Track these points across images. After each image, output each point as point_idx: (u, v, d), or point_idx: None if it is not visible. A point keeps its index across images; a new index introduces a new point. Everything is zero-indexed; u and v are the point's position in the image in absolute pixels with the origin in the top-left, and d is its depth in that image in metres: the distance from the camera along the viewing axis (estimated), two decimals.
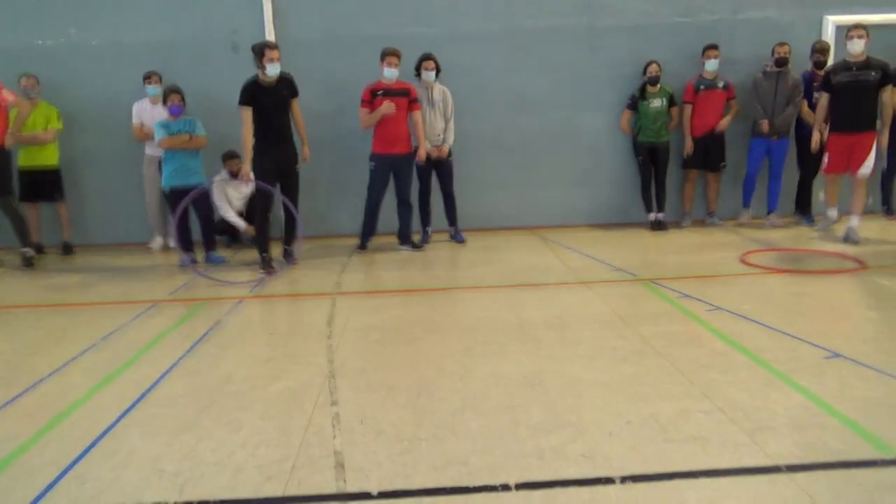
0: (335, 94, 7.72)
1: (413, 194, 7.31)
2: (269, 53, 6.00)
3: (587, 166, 8.22)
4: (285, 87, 6.25)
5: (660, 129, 7.78)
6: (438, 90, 7.28)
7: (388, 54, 6.80)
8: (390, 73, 6.82)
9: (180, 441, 2.94)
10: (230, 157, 7.25)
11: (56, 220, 7.62)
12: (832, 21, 7.94)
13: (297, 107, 6.40)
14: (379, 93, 6.87)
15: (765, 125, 7.46)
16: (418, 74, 7.22)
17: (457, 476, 2.58)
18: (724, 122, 7.74)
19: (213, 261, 6.87)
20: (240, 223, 7.34)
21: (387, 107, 6.74)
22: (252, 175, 6.15)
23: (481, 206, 8.18)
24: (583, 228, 8.21)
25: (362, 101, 6.93)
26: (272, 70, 6.03)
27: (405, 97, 6.93)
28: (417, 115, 7.03)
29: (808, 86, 7.58)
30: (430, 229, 7.65)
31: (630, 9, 7.90)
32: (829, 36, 7.95)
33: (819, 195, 7.96)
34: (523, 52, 7.94)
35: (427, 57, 7.14)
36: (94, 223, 8.04)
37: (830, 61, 7.74)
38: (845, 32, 6.82)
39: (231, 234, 7.77)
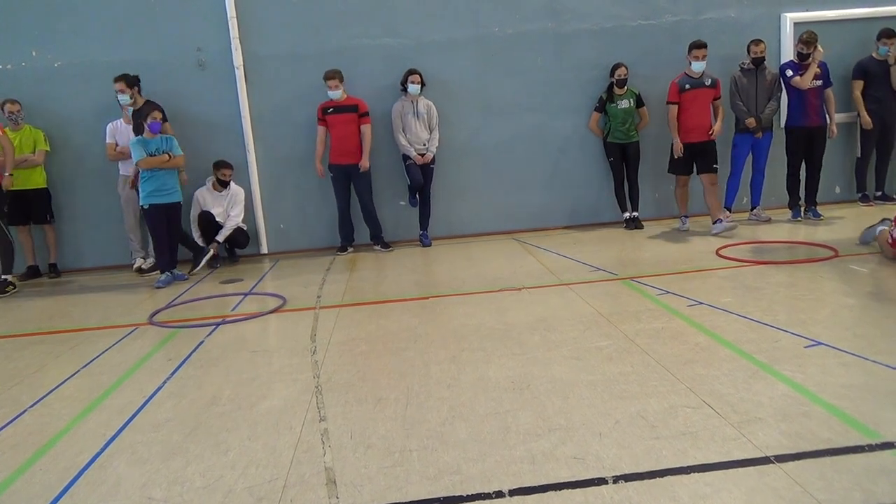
0: (304, 108, 7.69)
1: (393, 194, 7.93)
2: None
3: (559, 169, 8.29)
4: None
5: (629, 129, 7.88)
6: (423, 103, 7.67)
7: (329, 77, 7.29)
8: (333, 95, 7.33)
9: (168, 467, 2.90)
10: (219, 165, 7.38)
11: (43, 242, 7.62)
12: (790, 18, 8.10)
13: None
14: (329, 110, 7.41)
15: (752, 122, 7.48)
16: (404, 89, 7.57)
17: (449, 485, 2.57)
18: (718, 129, 7.44)
19: (176, 278, 6.90)
20: (199, 243, 7.44)
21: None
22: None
23: (457, 213, 8.23)
24: (558, 230, 8.27)
25: (317, 118, 7.48)
26: None
27: (354, 112, 7.43)
28: (366, 128, 7.55)
29: (783, 75, 7.46)
30: (416, 200, 7.82)
31: (594, 13, 8.01)
32: (787, 33, 8.10)
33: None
34: (492, 58, 8.01)
35: (413, 72, 7.52)
36: (71, 247, 7.91)
37: (785, 58, 7.89)
38: None
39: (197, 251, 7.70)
